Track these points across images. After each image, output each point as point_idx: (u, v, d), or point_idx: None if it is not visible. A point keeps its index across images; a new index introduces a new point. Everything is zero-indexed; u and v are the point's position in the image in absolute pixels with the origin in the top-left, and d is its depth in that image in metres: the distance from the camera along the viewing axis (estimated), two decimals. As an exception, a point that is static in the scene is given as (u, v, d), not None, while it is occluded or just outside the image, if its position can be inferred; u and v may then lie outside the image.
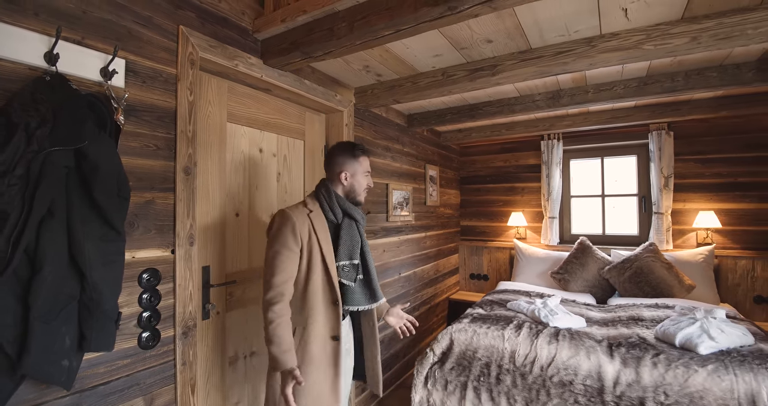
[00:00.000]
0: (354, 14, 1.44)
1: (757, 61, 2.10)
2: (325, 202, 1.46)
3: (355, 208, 1.50)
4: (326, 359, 1.38)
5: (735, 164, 3.10)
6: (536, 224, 3.82)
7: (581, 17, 1.54)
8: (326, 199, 1.46)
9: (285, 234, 1.34)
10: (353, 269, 1.44)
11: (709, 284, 2.90)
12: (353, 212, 1.48)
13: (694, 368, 1.66)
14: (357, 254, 1.46)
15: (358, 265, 1.45)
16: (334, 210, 1.45)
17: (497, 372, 1.84)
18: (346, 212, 1.47)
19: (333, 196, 1.46)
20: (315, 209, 1.44)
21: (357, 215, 1.49)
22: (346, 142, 1.59)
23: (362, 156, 1.51)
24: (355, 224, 1.49)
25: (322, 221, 1.43)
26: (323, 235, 1.40)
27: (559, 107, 2.50)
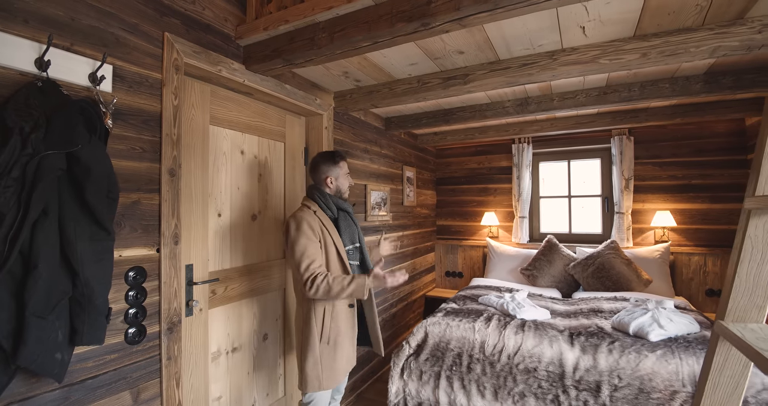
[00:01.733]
0: (334, 26, 1.53)
1: (704, 74, 2.31)
2: (321, 202, 1.74)
3: (344, 202, 1.81)
4: (349, 326, 1.73)
5: (688, 167, 3.35)
6: (508, 224, 4.00)
7: (544, 33, 1.68)
8: (322, 200, 1.75)
9: (305, 230, 1.61)
10: (356, 250, 1.78)
11: (665, 279, 3.13)
12: (344, 206, 1.79)
13: (644, 353, 1.83)
14: (356, 238, 1.79)
15: (359, 247, 1.79)
16: (330, 208, 1.75)
17: (468, 362, 1.97)
18: (339, 207, 1.77)
19: (326, 196, 1.75)
20: (316, 208, 1.73)
21: (347, 207, 1.80)
22: (326, 152, 1.84)
23: (342, 161, 1.80)
24: (348, 215, 1.79)
25: (325, 217, 1.73)
26: (330, 227, 1.71)
27: (528, 113, 2.66)
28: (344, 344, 1.70)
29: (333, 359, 1.65)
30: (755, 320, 0.84)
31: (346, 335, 1.71)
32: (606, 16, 1.56)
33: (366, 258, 1.83)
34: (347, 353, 1.72)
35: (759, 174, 0.83)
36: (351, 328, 1.75)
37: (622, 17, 1.57)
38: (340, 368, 1.67)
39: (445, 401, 1.95)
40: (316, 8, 1.50)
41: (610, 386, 1.74)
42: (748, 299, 0.84)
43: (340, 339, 1.68)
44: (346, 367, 1.71)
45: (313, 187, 1.78)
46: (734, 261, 0.85)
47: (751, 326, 0.82)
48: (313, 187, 1.78)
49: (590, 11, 1.52)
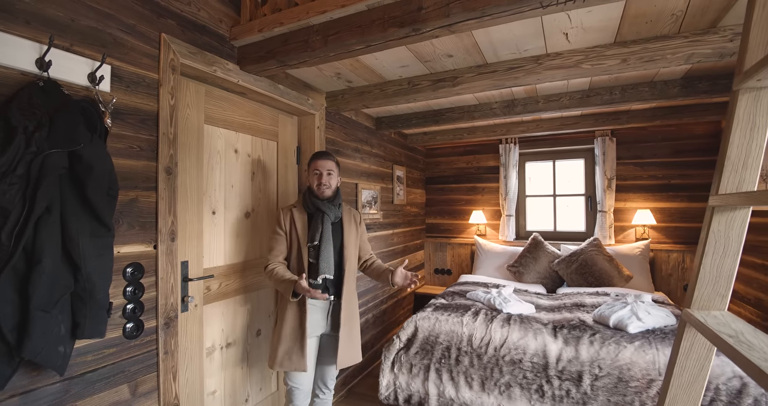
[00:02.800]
0: (328, 29, 1.57)
1: (681, 79, 2.42)
2: (302, 199, 1.90)
3: (321, 202, 1.84)
4: (293, 317, 1.77)
5: (668, 168, 3.48)
6: (495, 222, 4.09)
7: (529, 39, 1.75)
8: (302, 197, 1.90)
9: (274, 224, 1.87)
10: (313, 249, 1.82)
11: (645, 275, 3.26)
12: (320, 205, 1.83)
13: (623, 344, 1.92)
14: (316, 237, 1.80)
15: (317, 246, 1.80)
16: (307, 206, 1.87)
17: (456, 354, 2.04)
18: (315, 206, 1.84)
19: (305, 195, 1.89)
20: (298, 205, 1.89)
21: (324, 207, 1.83)
22: None
23: (312, 160, 1.90)
24: (323, 215, 1.83)
25: (301, 213, 1.86)
26: (300, 224, 1.84)
27: (514, 115, 2.74)
28: (286, 334, 1.75)
29: (276, 344, 1.77)
30: (718, 307, 0.92)
31: (287, 327, 1.76)
32: (588, 24, 1.64)
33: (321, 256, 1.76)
34: (285, 345, 1.74)
35: (722, 174, 0.91)
36: (295, 326, 1.76)
37: (603, 25, 1.65)
38: (277, 355, 1.75)
39: (434, 392, 2.02)
40: (310, 12, 1.55)
41: (591, 375, 1.82)
42: (712, 289, 0.92)
43: (283, 327, 1.77)
44: (282, 359, 1.73)
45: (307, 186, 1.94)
46: (699, 254, 0.93)
47: (714, 313, 0.90)
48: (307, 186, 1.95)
49: (573, 19, 1.59)
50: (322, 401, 1.91)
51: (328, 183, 1.85)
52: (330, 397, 1.93)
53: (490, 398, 1.91)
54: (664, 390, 0.98)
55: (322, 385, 1.90)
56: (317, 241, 1.79)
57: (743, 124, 0.91)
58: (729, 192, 0.89)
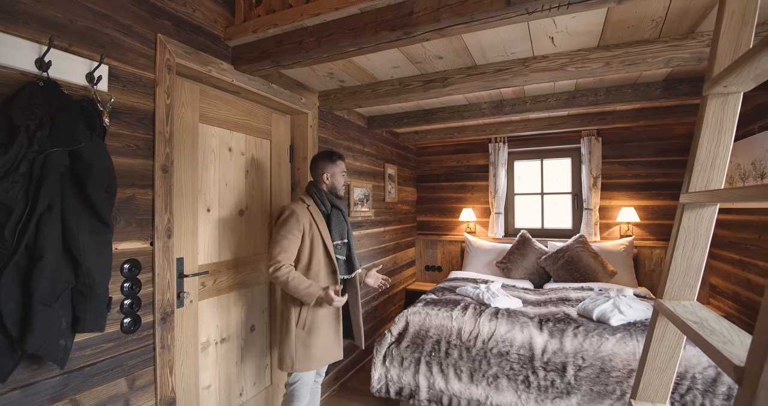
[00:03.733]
0: (321, 31, 1.61)
1: (663, 81, 2.50)
2: (317, 197, 1.87)
3: (339, 200, 1.92)
4: (331, 317, 1.82)
5: (652, 167, 3.58)
6: (484, 219, 4.17)
7: (516, 42, 1.81)
8: (317, 195, 1.88)
9: (291, 222, 1.74)
10: (344, 246, 1.88)
11: (628, 270, 3.36)
12: (338, 204, 1.90)
13: (606, 336, 2.00)
14: (345, 235, 1.89)
15: (347, 243, 1.90)
16: (324, 204, 1.87)
17: (446, 347, 2.10)
18: (333, 204, 1.88)
19: (322, 193, 1.88)
20: (311, 203, 1.86)
21: (341, 205, 1.91)
22: (326, 150, 1.96)
23: (339, 160, 1.93)
24: (340, 213, 1.90)
25: (317, 211, 1.86)
26: (321, 222, 1.83)
27: (503, 115, 2.81)
28: (321, 332, 1.78)
29: (307, 345, 1.75)
30: (687, 298, 0.99)
31: (324, 324, 1.80)
32: (572, 28, 1.71)
33: (352, 254, 1.93)
34: (324, 342, 1.78)
35: (692, 174, 0.98)
36: (333, 318, 1.83)
37: (586, 29, 1.72)
38: (314, 355, 1.75)
39: (424, 384, 2.08)
40: (304, 14, 1.58)
41: (575, 366, 1.90)
42: (682, 281, 0.99)
43: (317, 327, 1.77)
44: (321, 355, 1.77)
45: (311, 184, 1.91)
46: (671, 248, 1.00)
47: (683, 303, 0.97)
48: (311, 184, 1.92)
49: (558, 24, 1.66)
50: (316, 385, 1.99)
51: None
52: (320, 383, 2.03)
53: (479, 389, 1.98)
54: (638, 375, 1.05)
55: (317, 376, 1.99)
56: (346, 238, 1.87)
57: (712, 127, 0.98)
58: (698, 190, 0.96)
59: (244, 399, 2.09)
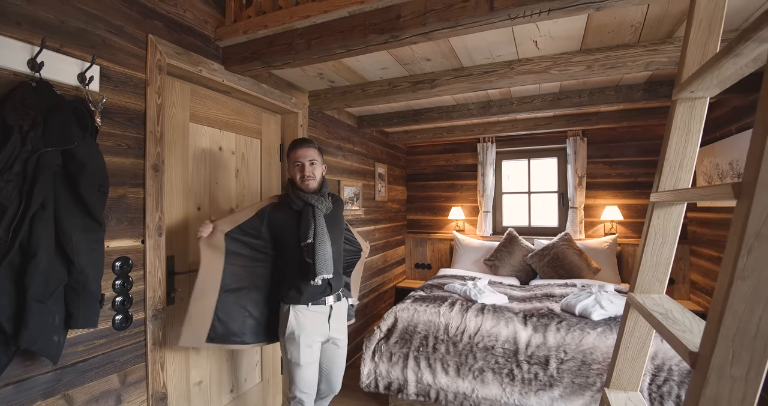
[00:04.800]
0: (311, 33, 1.65)
1: (644, 83, 2.58)
2: (286, 194, 1.74)
3: (309, 195, 1.67)
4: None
5: (635, 166, 3.68)
6: (473, 218, 4.24)
7: (501, 45, 1.87)
8: (286, 191, 1.74)
9: None
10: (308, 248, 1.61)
11: (612, 267, 3.45)
12: (308, 199, 1.66)
13: (587, 330, 2.07)
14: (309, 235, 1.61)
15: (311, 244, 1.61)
16: (294, 200, 1.69)
17: (434, 343, 2.16)
18: (304, 200, 1.67)
19: (289, 189, 1.72)
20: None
21: (313, 200, 1.66)
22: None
23: (291, 150, 1.72)
24: (312, 209, 1.65)
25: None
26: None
27: (490, 115, 2.87)
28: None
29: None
30: (657, 291, 1.05)
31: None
32: (555, 33, 1.76)
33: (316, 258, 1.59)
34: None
35: (661, 174, 1.04)
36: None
37: (569, 34, 1.78)
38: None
39: (412, 379, 2.13)
40: (294, 16, 1.61)
41: (557, 359, 1.97)
42: (652, 275, 1.05)
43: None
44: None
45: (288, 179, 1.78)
46: (642, 244, 1.05)
47: (652, 296, 1.02)
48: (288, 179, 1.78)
49: (541, 28, 1.71)
50: (323, 401, 1.90)
51: (312, 174, 1.69)
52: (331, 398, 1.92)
53: (465, 382, 2.04)
54: (612, 365, 1.11)
55: (329, 391, 1.86)
56: (311, 238, 1.60)
57: (680, 130, 1.04)
58: (667, 190, 1.02)
59: (235, 395, 2.12)
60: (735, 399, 0.62)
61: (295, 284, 1.67)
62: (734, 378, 0.61)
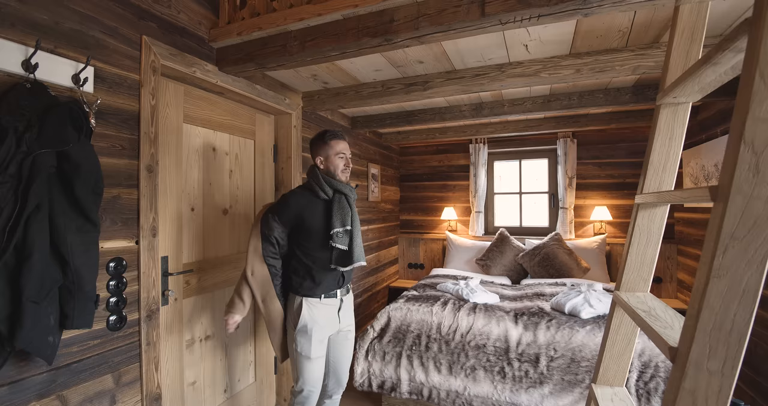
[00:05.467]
0: (305, 35, 1.66)
1: (632, 86, 2.64)
2: (314, 183, 1.70)
3: (341, 184, 1.70)
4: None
5: (624, 167, 3.75)
6: (465, 218, 4.28)
7: (493, 49, 1.90)
8: (314, 180, 1.70)
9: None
10: (346, 234, 1.65)
11: (601, 267, 3.51)
12: (340, 187, 1.69)
13: (576, 329, 2.11)
14: (348, 222, 1.66)
15: (350, 231, 1.66)
16: (323, 189, 1.68)
17: (426, 341, 2.18)
18: (334, 188, 1.69)
19: (319, 177, 1.69)
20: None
21: (345, 189, 1.70)
22: (320, 131, 1.78)
23: (332, 140, 1.71)
24: (344, 197, 1.69)
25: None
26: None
27: (482, 117, 2.91)
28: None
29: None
30: (642, 290, 1.09)
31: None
32: (545, 37, 1.80)
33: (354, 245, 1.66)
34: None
35: (645, 176, 1.08)
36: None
37: (558, 38, 1.82)
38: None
39: (405, 378, 2.16)
40: (288, 18, 1.63)
41: (548, 357, 2.01)
42: (637, 274, 1.08)
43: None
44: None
45: (311, 169, 1.75)
46: (627, 244, 1.09)
47: (637, 294, 1.06)
48: (310, 169, 1.76)
49: (531, 33, 1.75)
50: (333, 402, 1.87)
51: (350, 167, 1.75)
52: (341, 394, 1.90)
53: (457, 380, 2.07)
54: (598, 361, 1.14)
55: (337, 386, 1.85)
56: (348, 225, 1.64)
57: (663, 134, 1.08)
58: (651, 192, 1.06)
59: (229, 395, 2.12)
60: (712, 392, 0.65)
61: (312, 275, 1.67)
62: (711, 372, 0.65)
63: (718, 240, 0.62)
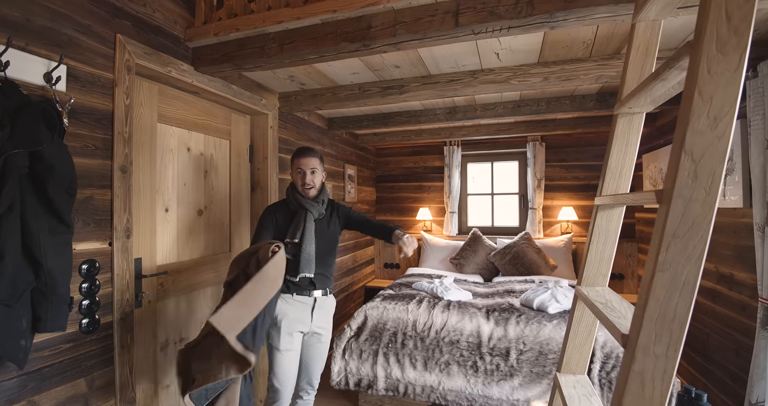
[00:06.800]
0: (283, 38, 1.68)
1: (596, 94, 2.79)
2: (287, 195, 1.89)
3: (305, 199, 1.82)
4: None
5: (589, 170, 3.94)
6: (440, 218, 4.38)
7: (466, 56, 1.98)
8: (288, 193, 1.88)
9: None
10: (293, 246, 1.77)
11: (567, 264, 3.68)
12: (303, 203, 1.82)
13: (544, 323, 2.22)
14: (297, 235, 1.77)
15: (298, 243, 1.76)
16: (290, 202, 1.86)
17: (402, 339, 2.24)
18: (298, 202, 1.82)
19: (289, 191, 1.87)
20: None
21: (308, 205, 1.81)
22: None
23: (296, 157, 1.85)
24: (306, 212, 1.81)
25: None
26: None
27: (456, 120, 3.00)
28: None
29: None
30: (601, 284, 1.18)
31: None
32: (515, 46, 1.89)
33: (301, 257, 1.74)
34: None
35: (604, 180, 1.17)
36: None
37: (527, 48, 1.91)
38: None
39: (382, 375, 2.20)
40: (266, 21, 1.64)
41: (517, 350, 2.10)
42: (596, 270, 1.17)
43: None
44: None
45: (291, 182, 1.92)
46: (588, 243, 1.18)
47: (596, 289, 1.15)
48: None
49: (502, 42, 1.83)
50: (305, 403, 1.91)
51: (312, 183, 1.82)
52: (313, 396, 1.93)
53: (432, 375, 2.13)
54: (562, 351, 1.23)
55: (308, 386, 1.89)
56: (297, 238, 1.75)
57: (620, 141, 1.17)
58: (608, 194, 1.15)
59: (204, 398, 2.10)
60: (657, 373, 0.73)
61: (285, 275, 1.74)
62: (657, 355, 0.73)
63: (662, 238, 0.70)
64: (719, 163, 0.68)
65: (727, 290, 2.16)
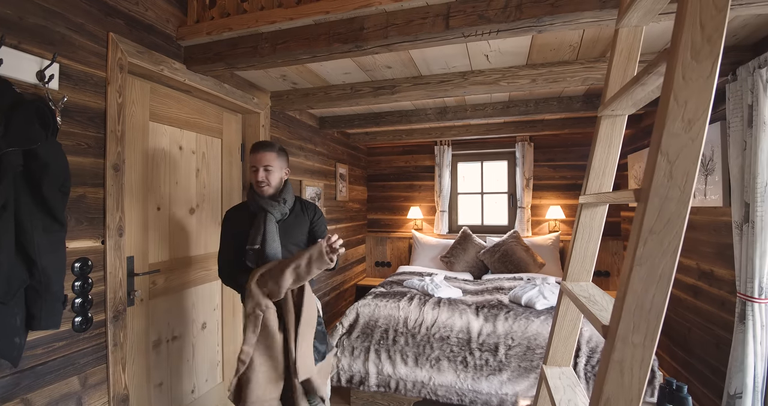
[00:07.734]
0: (276, 38, 1.70)
1: (583, 95, 2.85)
2: (248, 197, 1.73)
3: (264, 199, 1.65)
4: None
5: (576, 170, 4.02)
6: (430, 217, 4.42)
7: (457, 58, 2.02)
8: (248, 194, 1.72)
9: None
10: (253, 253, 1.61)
11: (555, 262, 3.76)
12: (262, 204, 1.65)
13: (531, 319, 2.28)
14: (257, 240, 1.60)
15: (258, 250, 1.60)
16: (250, 204, 1.70)
17: (393, 335, 2.28)
18: (258, 204, 1.66)
19: (249, 192, 1.71)
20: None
21: (267, 205, 1.64)
22: None
23: (250, 154, 1.68)
24: (266, 214, 1.64)
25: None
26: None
27: (446, 120, 3.04)
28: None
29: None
30: (585, 280, 1.23)
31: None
32: (504, 49, 1.93)
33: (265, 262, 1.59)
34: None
35: (588, 179, 1.21)
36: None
37: (516, 50, 1.96)
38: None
39: (373, 371, 2.24)
40: (259, 20, 1.66)
41: (506, 346, 2.15)
42: (581, 266, 1.22)
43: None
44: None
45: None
46: (573, 240, 1.23)
47: (580, 284, 1.20)
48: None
49: (491, 45, 1.87)
50: None
51: (267, 181, 1.64)
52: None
53: (423, 371, 2.17)
54: (548, 345, 1.27)
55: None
56: (258, 244, 1.59)
57: (603, 142, 1.22)
58: (591, 193, 1.19)
59: (196, 396, 2.11)
60: (636, 361, 0.77)
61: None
62: (635, 344, 0.77)
63: (639, 234, 0.74)
64: (693, 164, 0.72)
65: (707, 286, 2.24)
